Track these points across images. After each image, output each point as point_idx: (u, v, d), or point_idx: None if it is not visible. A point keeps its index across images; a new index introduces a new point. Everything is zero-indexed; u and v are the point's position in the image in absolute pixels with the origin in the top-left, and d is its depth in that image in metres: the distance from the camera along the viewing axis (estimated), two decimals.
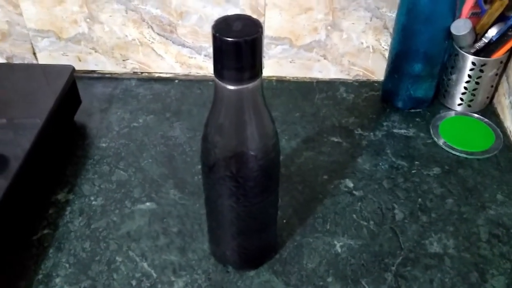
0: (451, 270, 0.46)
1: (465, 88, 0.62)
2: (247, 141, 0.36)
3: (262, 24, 0.32)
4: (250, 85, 0.33)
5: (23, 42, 0.68)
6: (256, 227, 0.42)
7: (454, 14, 0.57)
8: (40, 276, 0.45)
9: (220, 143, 0.36)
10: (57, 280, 0.45)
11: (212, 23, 0.32)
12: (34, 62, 0.70)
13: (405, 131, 0.62)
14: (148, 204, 0.52)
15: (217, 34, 0.31)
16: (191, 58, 0.69)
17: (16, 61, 0.70)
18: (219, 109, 0.35)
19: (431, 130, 0.61)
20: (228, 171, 0.36)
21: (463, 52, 0.60)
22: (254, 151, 0.36)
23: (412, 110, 0.64)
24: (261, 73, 0.34)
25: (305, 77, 0.71)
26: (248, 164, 0.36)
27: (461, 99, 0.63)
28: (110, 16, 0.65)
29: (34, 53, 0.69)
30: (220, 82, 0.33)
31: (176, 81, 0.70)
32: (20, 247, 0.47)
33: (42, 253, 0.47)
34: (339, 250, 0.48)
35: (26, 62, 0.70)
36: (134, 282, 0.45)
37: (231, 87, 0.33)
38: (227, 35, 0.31)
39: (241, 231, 0.42)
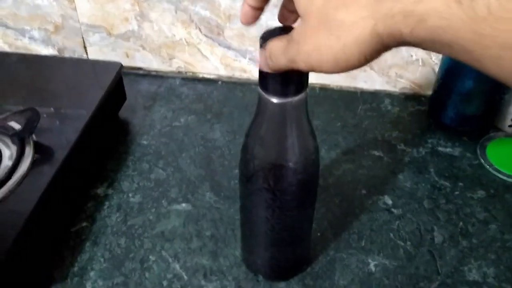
0: None
1: None
2: (287, 154, 0.35)
3: None
4: (295, 99, 0.33)
5: (75, 35, 0.70)
6: (289, 239, 0.41)
7: None
8: (75, 269, 0.46)
9: (260, 155, 0.36)
10: (92, 273, 0.46)
11: (258, 27, 0.32)
12: (84, 55, 0.72)
13: (450, 149, 0.60)
14: (184, 205, 0.52)
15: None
16: (236, 60, 0.69)
17: (67, 53, 0.72)
18: (261, 121, 0.35)
19: (478, 151, 0.59)
20: (266, 183, 0.36)
21: None
22: (293, 165, 0.36)
23: (460, 128, 0.62)
24: (306, 87, 0.33)
25: (350, 86, 0.69)
26: (287, 177, 0.36)
27: None
28: (160, 15, 0.66)
29: (85, 47, 0.71)
30: (264, 94, 0.33)
31: (220, 82, 0.70)
32: (59, 238, 0.49)
33: (79, 245, 0.48)
34: (373, 269, 0.46)
35: (76, 55, 0.72)
36: (165, 283, 0.45)
37: (275, 100, 0.33)
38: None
39: (274, 242, 0.41)
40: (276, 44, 0.30)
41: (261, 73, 0.32)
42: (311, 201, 0.40)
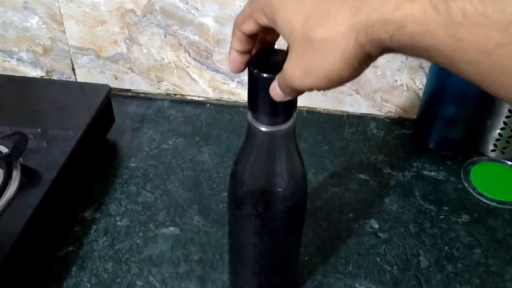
0: None
1: (499, 134, 0.61)
2: (276, 181, 0.36)
3: None
4: (283, 127, 0.33)
5: (64, 58, 0.70)
6: (278, 265, 0.41)
7: None
8: None
9: (249, 182, 0.36)
10: None
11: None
12: (73, 77, 0.72)
13: (435, 173, 0.61)
14: (171, 228, 0.52)
15: (255, 73, 0.31)
16: (224, 83, 0.70)
17: (55, 75, 0.72)
18: (250, 148, 0.35)
19: (462, 175, 0.60)
20: (255, 209, 0.36)
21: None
22: (282, 192, 0.36)
23: (444, 153, 0.63)
24: (294, 116, 0.34)
25: (336, 110, 0.70)
26: (275, 204, 0.36)
27: (495, 145, 0.62)
28: (149, 39, 0.66)
29: (73, 69, 0.71)
30: (253, 123, 0.34)
31: (208, 105, 0.71)
32: (45, 262, 0.48)
33: (65, 270, 0.48)
34: None
35: (65, 77, 0.72)
36: None
37: (264, 129, 0.33)
38: (264, 75, 0.31)
39: (262, 268, 0.41)
40: (273, 86, 0.31)
41: (250, 102, 0.33)
42: (299, 227, 0.40)
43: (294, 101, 0.33)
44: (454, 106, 0.60)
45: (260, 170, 0.35)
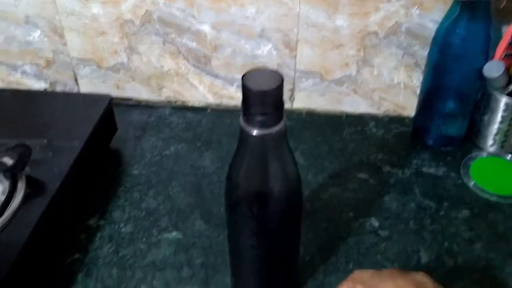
0: None
1: (498, 129, 0.61)
2: (270, 184, 0.36)
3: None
4: (274, 130, 0.34)
5: (66, 69, 0.72)
6: (277, 265, 0.42)
7: (487, 55, 0.57)
8: None
9: (243, 185, 0.37)
10: None
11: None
12: (76, 88, 0.73)
13: (434, 170, 0.61)
14: (174, 233, 0.53)
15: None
16: (224, 88, 0.71)
17: (59, 86, 0.74)
18: (243, 152, 0.36)
19: (462, 171, 0.60)
20: (250, 212, 0.37)
21: (496, 93, 0.59)
22: (276, 194, 0.37)
23: (443, 149, 0.64)
24: (283, 120, 0.35)
25: (335, 110, 0.71)
26: (270, 206, 0.37)
27: (494, 139, 0.62)
28: (148, 47, 0.68)
29: (76, 80, 0.73)
30: (244, 127, 0.34)
31: (208, 110, 0.72)
32: (51, 270, 0.49)
33: (72, 278, 0.49)
34: None
35: (68, 88, 0.73)
36: None
37: (255, 133, 0.34)
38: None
39: (262, 269, 0.42)
40: None
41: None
42: (295, 227, 0.41)
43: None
44: (451, 102, 0.61)
45: (253, 173, 0.36)
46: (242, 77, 0.33)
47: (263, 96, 0.33)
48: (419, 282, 0.33)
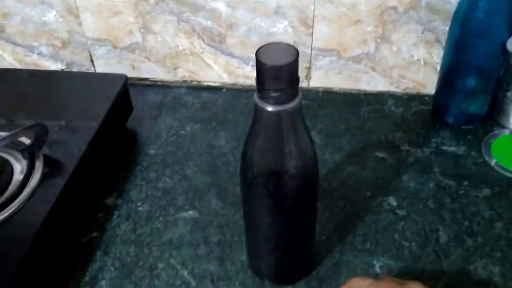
0: None
1: None
2: (285, 161, 0.36)
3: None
4: (289, 107, 0.34)
5: (82, 50, 0.72)
6: (292, 244, 0.42)
7: (511, 29, 0.55)
8: (87, 278, 0.47)
9: (258, 162, 0.36)
10: (103, 283, 0.47)
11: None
12: (92, 69, 0.73)
13: (455, 148, 0.60)
14: (190, 212, 0.54)
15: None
16: (239, 68, 0.70)
17: (75, 67, 0.74)
18: (258, 129, 0.35)
19: (483, 149, 0.59)
20: (265, 189, 0.37)
21: None
22: (291, 171, 0.36)
23: (464, 127, 0.62)
24: (298, 95, 0.34)
25: (353, 89, 0.70)
26: (285, 183, 0.37)
27: None
28: (163, 27, 0.67)
29: (92, 61, 0.73)
30: (259, 103, 0.34)
31: (224, 90, 0.71)
32: (71, 248, 0.50)
33: (90, 255, 0.50)
34: (378, 271, 0.47)
35: (84, 68, 0.74)
36: None
37: (269, 109, 0.33)
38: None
39: (277, 247, 0.42)
40: None
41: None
42: (311, 206, 0.41)
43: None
44: (472, 79, 0.59)
45: (268, 150, 0.36)
46: (256, 51, 0.32)
47: (278, 71, 0.32)
48: None
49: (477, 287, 0.45)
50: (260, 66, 0.32)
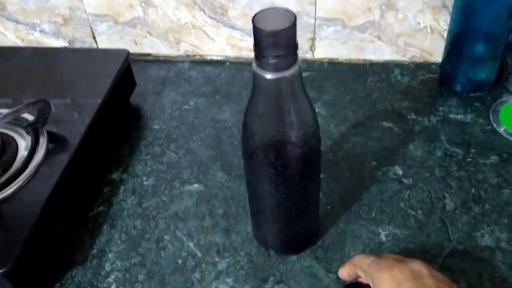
0: (502, 265, 0.44)
1: None
2: (286, 129, 0.36)
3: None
4: (288, 74, 0.33)
5: (83, 26, 0.71)
6: (296, 213, 0.42)
7: None
8: (94, 251, 0.48)
9: (259, 131, 0.36)
10: (110, 255, 0.48)
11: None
12: (94, 45, 0.73)
13: (462, 116, 0.59)
14: (196, 185, 0.54)
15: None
16: (242, 40, 0.69)
17: (77, 44, 0.73)
18: (257, 98, 0.35)
19: (491, 116, 0.58)
20: (267, 159, 0.37)
21: None
22: (293, 140, 0.36)
23: (472, 94, 0.61)
24: (297, 62, 0.33)
25: (358, 59, 0.69)
26: (287, 152, 0.37)
27: None
28: (164, 0, 0.66)
29: (94, 37, 0.72)
30: (258, 71, 0.33)
31: (227, 63, 0.71)
32: (78, 222, 0.51)
33: (97, 229, 0.50)
34: (384, 239, 0.47)
35: (86, 45, 0.73)
36: (180, 261, 0.47)
37: (268, 76, 0.33)
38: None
39: (281, 217, 0.42)
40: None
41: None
42: (314, 175, 0.40)
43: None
44: (480, 46, 0.58)
45: (268, 119, 0.35)
46: (253, 17, 0.32)
47: (275, 37, 0.31)
48: (415, 271, 0.35)
49: (483, 253, 0.45)
50: (257, 32, 0.31)
